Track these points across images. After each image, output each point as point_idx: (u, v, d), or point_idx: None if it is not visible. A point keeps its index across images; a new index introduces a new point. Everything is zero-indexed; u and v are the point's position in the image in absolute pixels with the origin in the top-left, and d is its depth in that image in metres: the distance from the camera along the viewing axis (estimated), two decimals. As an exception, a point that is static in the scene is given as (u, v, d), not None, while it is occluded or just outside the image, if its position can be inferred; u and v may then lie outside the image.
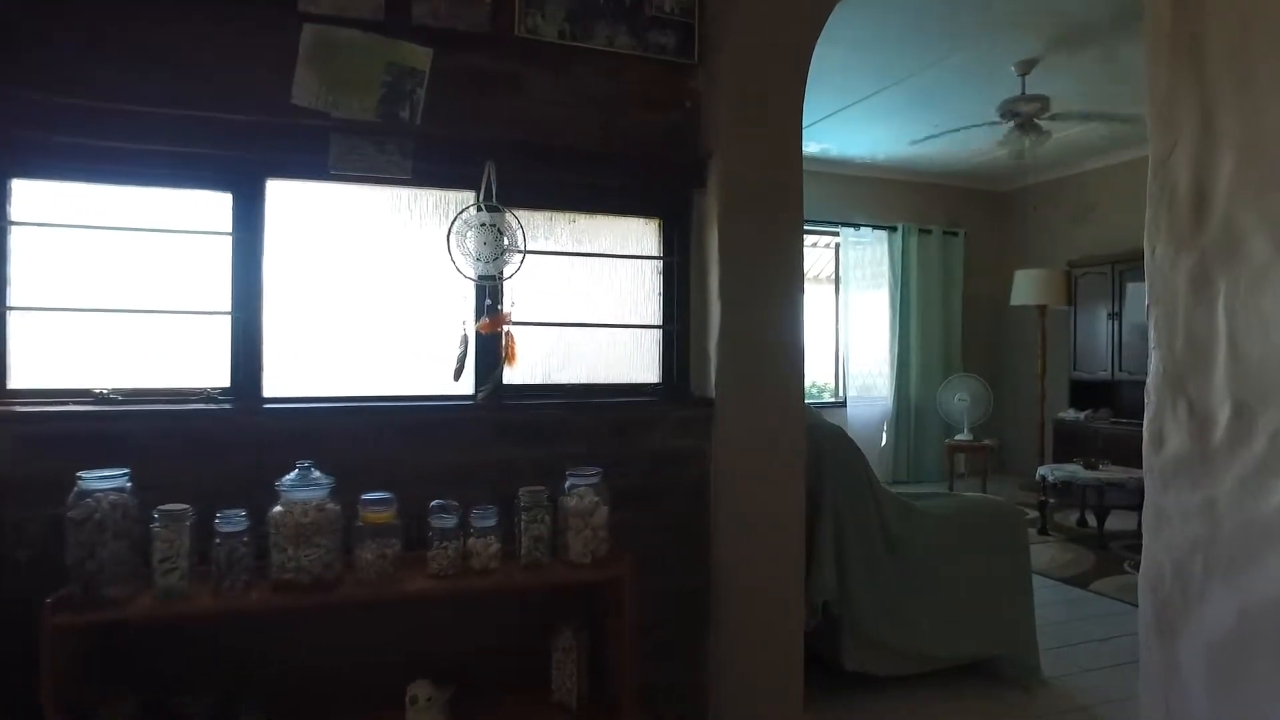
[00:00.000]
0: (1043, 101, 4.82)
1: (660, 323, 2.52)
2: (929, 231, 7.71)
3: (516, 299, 2.31)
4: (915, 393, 7.62)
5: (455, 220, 2.22)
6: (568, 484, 2.01)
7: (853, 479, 2.72)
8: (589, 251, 2.45)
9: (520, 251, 2.27)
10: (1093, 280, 6.83)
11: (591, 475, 2.01)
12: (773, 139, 2.46)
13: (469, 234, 2.22)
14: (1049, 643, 3.23)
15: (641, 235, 2.51)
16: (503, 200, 2.24)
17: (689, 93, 2.49)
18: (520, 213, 2.30)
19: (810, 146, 6.79)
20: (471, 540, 1.90)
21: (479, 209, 2.22)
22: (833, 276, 7.71)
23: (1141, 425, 1.29)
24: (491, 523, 1.92)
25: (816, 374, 7.89)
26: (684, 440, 2.40)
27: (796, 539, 2.52)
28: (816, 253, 7.86)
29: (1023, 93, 4.95)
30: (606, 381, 2.47)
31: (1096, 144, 6.61)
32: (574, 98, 2.37)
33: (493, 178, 2.23)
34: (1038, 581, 4.31)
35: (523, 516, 1.93)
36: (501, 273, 2.27)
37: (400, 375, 2.27)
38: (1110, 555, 4.82)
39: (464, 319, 2.27)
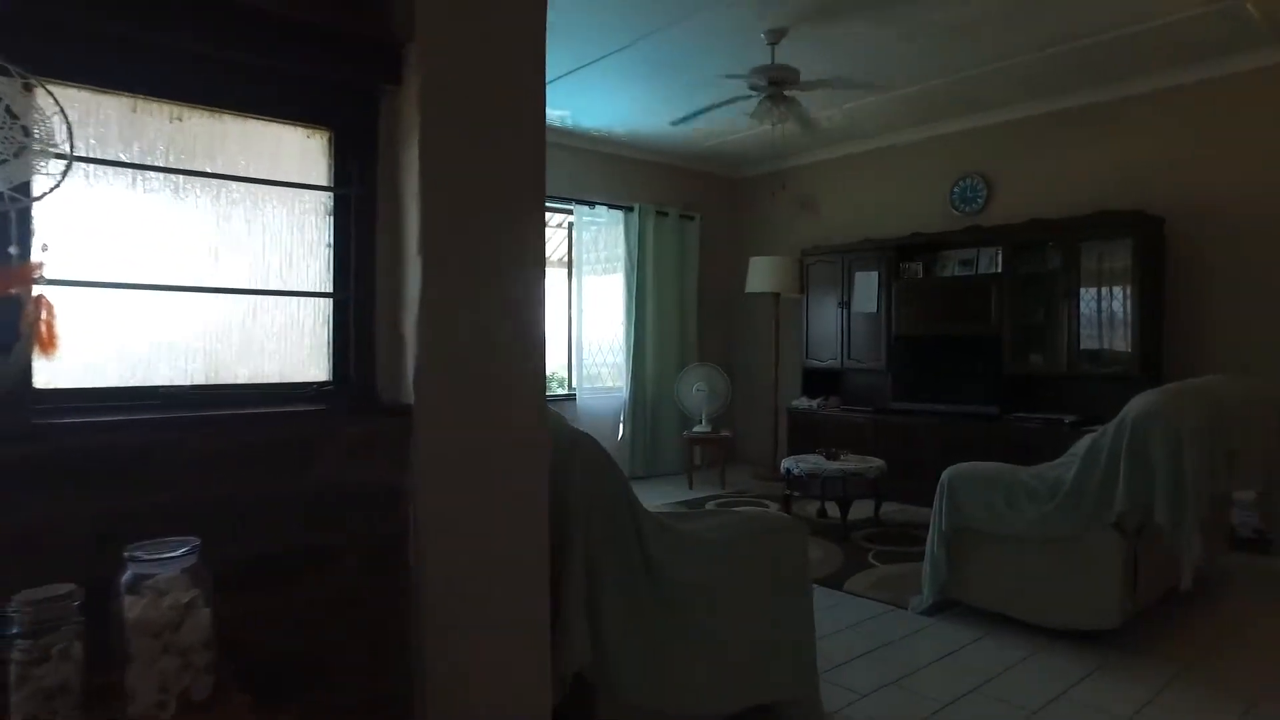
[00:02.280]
0: (793, 73, 4.51)
1: (331, 290, 1.65)
2: (665, 214, 7.36)
3: (57, 240, 1.33)
4: (652, 383, 7.24)
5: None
6: (128, 574, 1.09)
7: (609, 502, 2.04)
8: (205, 171, 1.51)
9: (62, 155, 1.30)
10: (824, 269, 6.84)
11: (178, 553, 1.12)
12: (505, 21, 1.69)
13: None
14: (820, 664, 2.82)
15: (301, 154, 1.62)
16: (28, 62, 1.26)
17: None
18: (66, 89, 1.33)
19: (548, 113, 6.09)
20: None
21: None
22: (565, 259, 7.09)
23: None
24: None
25: (551, 364, 7.26)
26: (366, 469, 1.56)
27: (540, 602, 1.78)
28: (549, 232, 7.21)
29: (772, 62, 4.62)
30: (237, 381, 1.55)
31: (829, 133, 6.59)
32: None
33: (-4, 18, 1.24)
34: (793, 588, 3.98)
35: (17, 650, 0.99)
36: (27, 189, 1.29)
37: None
38: (855, 548, 4.66)
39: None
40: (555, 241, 7.27)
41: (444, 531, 1.62)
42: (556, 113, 6.11)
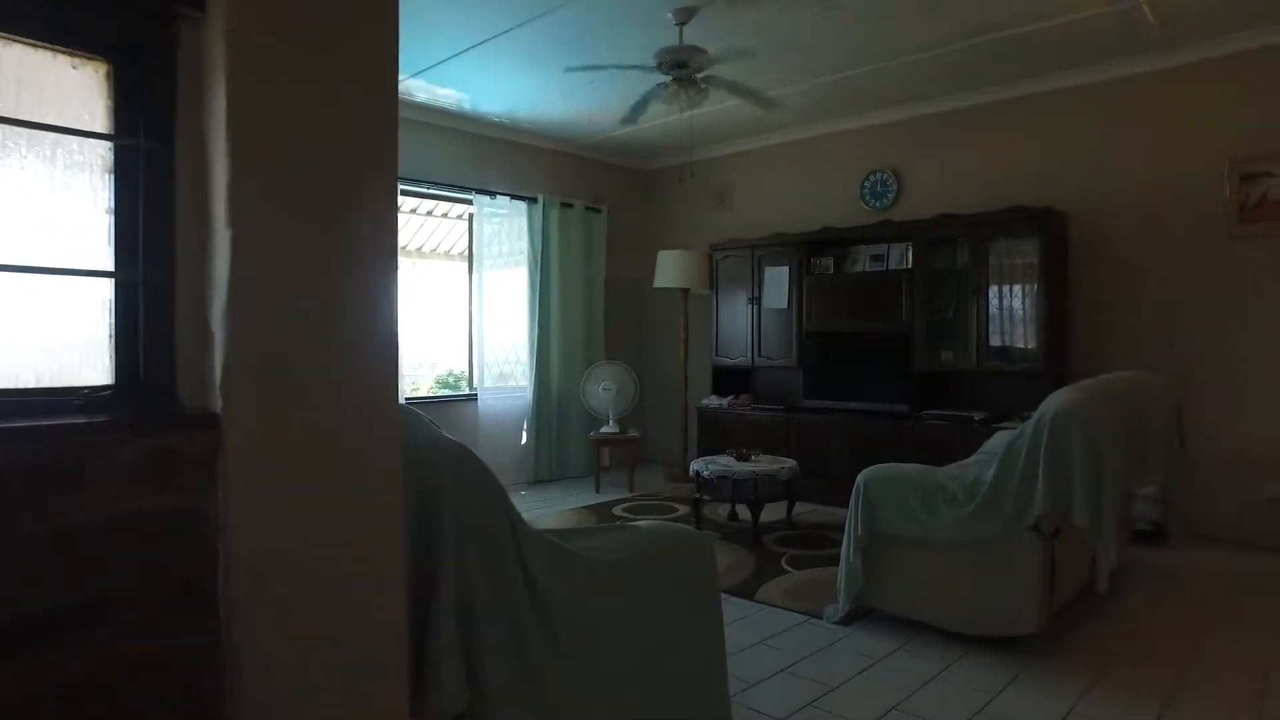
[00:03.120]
0: (702, 54, 4.28)
1: (112, 268, 1.29)
2: (571, 206, 7.06)
3: None
4: (557, 382, 6.93)
5: None
6: None
7: (486, 523, 1.75)
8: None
9: None
10: (734, 264, 6.66)
11: None
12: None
13: None
14: (733, 685, 2.59)
15: (70, 91, 1.26)
16: None
17: None
18: None
19: (443, 93, 5.71)
20: None
21: None
22: (466, 252, 6.71)
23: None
24: None
25: (452, 363, 6.87)
26: (156, 494, 1.22)
27: (396, 644, 1.48)
28: (449, 224, 6.81)
29: (680, 42, 4.38)
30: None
31: (741, 124, 6.42)
32: None
33: None
34: (703, 599, 3.75)
35: None
36: None
37: None
38: (767, 552, 4.47)
39: None
40: (456, 234, 6.89)
41: (265, 569, 1.29)
42: (454, 95, 5.74)
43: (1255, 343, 4.65)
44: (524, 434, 6.76)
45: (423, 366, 6.82)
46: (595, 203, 7.35)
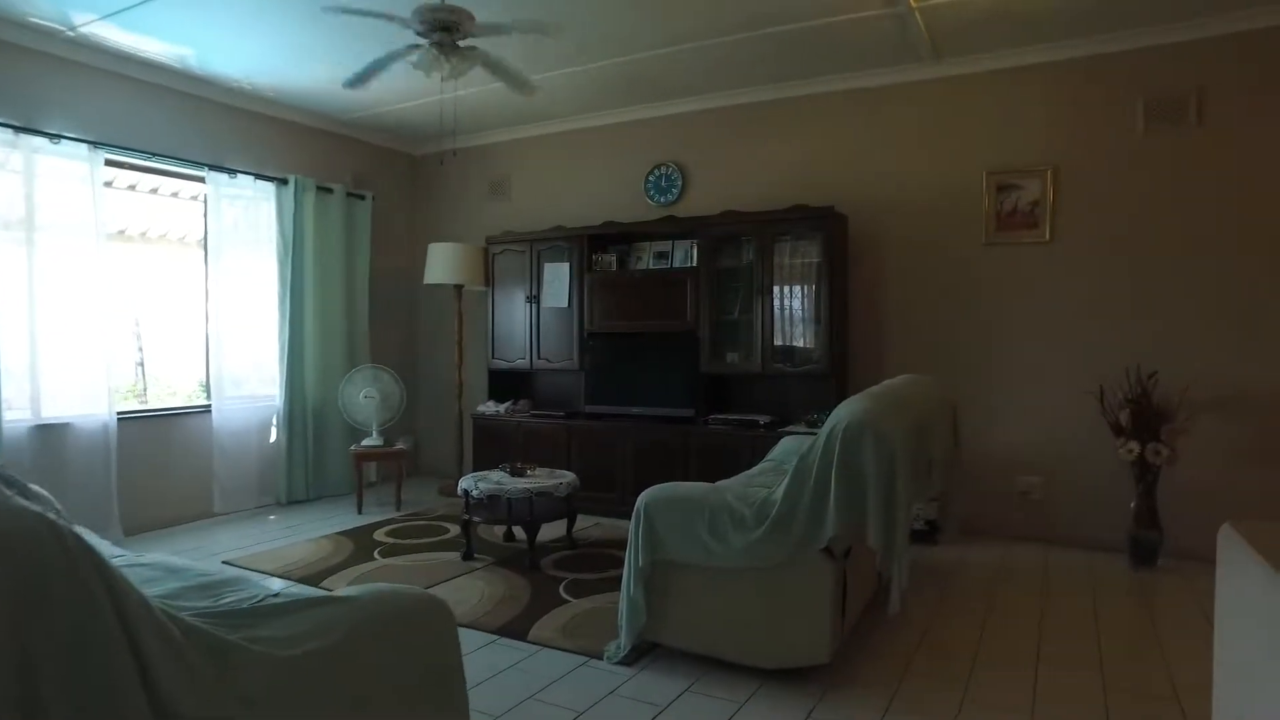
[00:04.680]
0: (466, 15, 3.73)
1: None
2: (330, 190, 6.23)
3: None
4: (314, 390, 6.09)
5: None
6: None
7: (68, 626, 1.14)
8: None
9: None
10: (511, 259, 6.16)
11: None
12: None
13: None
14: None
15: None
16: None
17: None
18: None
19: (153, 46, 4.74)
20: None
21: None
22: (202, 239, 5.70)
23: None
24: None
25: (179, 370, 5.81)
26: None
27: None
28: (178, 204, 5.76)
29: (441, 1, 3.81)
30: None
31: (521, 109, 5.93)
32: None
33: None
34: (468, 641, 3.22)
35: None
36: None
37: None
38: (545, 579, 4.02)
39: None
40: (188, 217, 5.83)
41: None
42: (168, 49, 4.78)
43: (1007, 345, 4.85)
44: (274, 449, 5.88)
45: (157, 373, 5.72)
46: (359, 188, 6.56)
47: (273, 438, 5.89)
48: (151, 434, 5.22)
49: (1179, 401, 4.19)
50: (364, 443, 5.81)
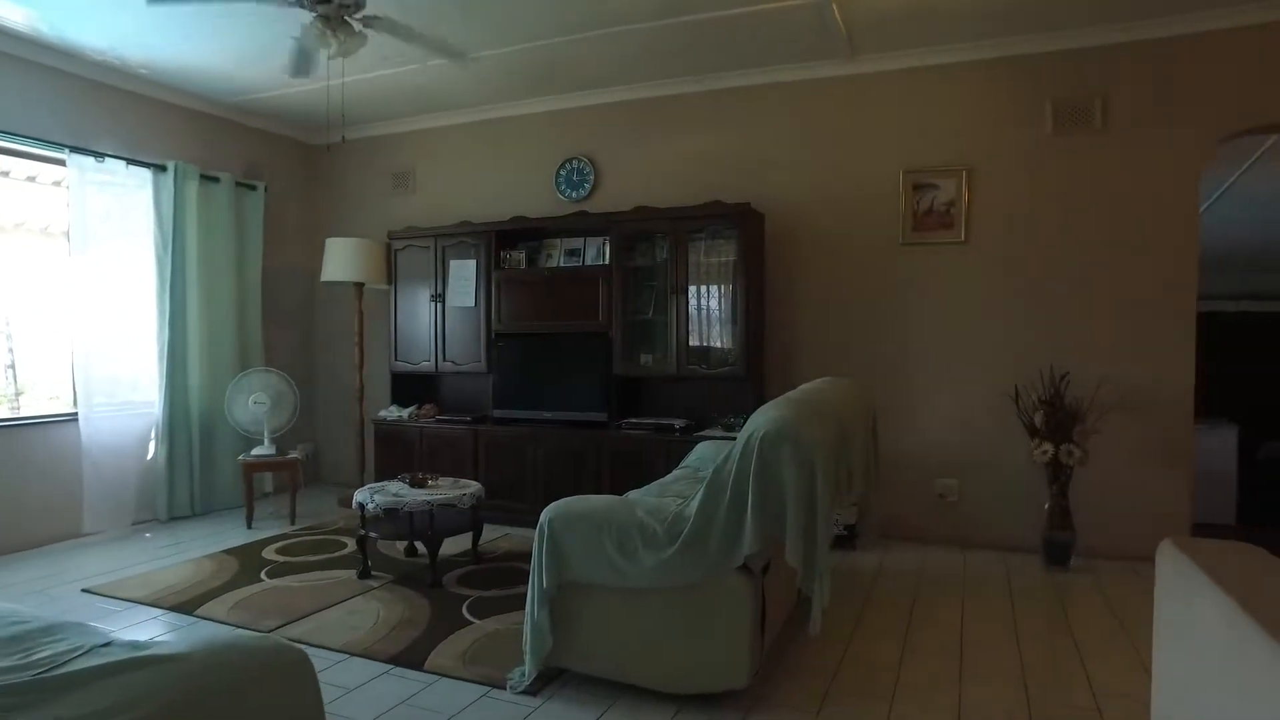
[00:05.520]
0: (353, -11, 3.42)
1: None
2: (216, 180, 5.76)
3: None
4: (198, 395, 5.62)
5: None
6: None
7: None
8: None
9: None
10: (415, 255, 5.81)
11: None
12: None
13: None
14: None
15: None
16: None
17: None
18: None
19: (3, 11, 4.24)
20: None
21: None
22: (66, 230, 5.17)
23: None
24: None
25: (59, 374, 5.27)
26: None
27: None
28: (35, 190, 5.21)
29: (326, -30, 3.48)
30: None
31: (425, 96, 5.61)
32: None
33: None
34: (357, 672, 2.94)
35: None
36: None
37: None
38: (447, 597, 3.75)
39: None
40: (49, 204, 5.28)
41: None
42: (17, 10, 4.28)
43: (924, 346, 4.80)
44: (151, 460, 5.39)
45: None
46: (249, 178, 6.10)
47: (150, 451, 5.40)
48: (9, 445, 4.69)
49: (1089, 402, 4.20)
50: (254, 452, 5.38)
